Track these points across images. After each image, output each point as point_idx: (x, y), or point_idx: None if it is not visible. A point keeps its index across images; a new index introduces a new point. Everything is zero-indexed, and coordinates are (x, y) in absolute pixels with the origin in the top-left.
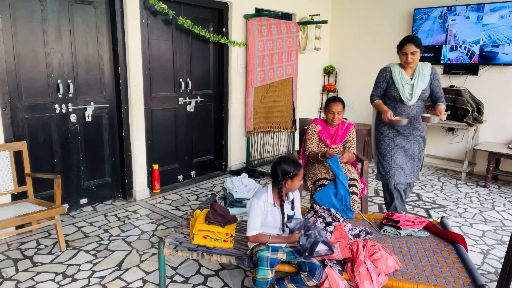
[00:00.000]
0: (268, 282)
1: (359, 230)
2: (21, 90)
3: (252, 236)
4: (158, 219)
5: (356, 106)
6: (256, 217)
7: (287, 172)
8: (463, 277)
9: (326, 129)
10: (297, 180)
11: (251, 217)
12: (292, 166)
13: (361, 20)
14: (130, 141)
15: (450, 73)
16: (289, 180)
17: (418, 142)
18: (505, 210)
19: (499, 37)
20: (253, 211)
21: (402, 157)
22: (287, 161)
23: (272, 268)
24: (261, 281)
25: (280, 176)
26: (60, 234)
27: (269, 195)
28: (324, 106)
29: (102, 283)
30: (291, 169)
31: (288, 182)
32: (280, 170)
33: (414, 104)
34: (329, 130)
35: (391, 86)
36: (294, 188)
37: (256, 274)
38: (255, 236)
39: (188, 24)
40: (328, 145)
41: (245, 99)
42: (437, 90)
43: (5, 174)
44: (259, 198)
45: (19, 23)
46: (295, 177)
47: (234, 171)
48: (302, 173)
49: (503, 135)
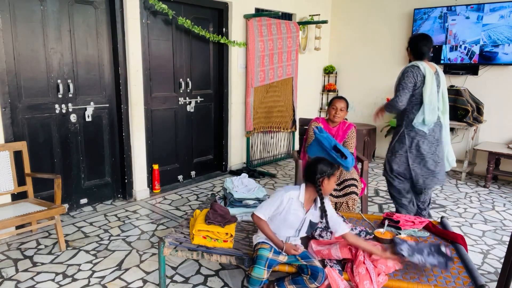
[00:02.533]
0: (262, 282)
1: (359, 230)
2: (21, 90)
3: (256, 217)
4: (158, 219)
5: (355, 106)
6: (270, 205)
7: (324, 171)
8: (463, 277)
9: (327, 128)
10: (333, 181)
11: (267, 202)
12: (329, 165)
13: (361, 20)
14: (130, 141)
15: (450, 73)
16: (326, 179)
17: None
18: (505, 210)
19: (499, 37)
20: (272, 199)
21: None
22: (323, 161)
23: (269, 269)
24: (255, 279)
25: (318, 175)
26: (60, 234)
27: (300, 194)
28: (328, 103)
29: (102, 283)
30: (328, 168)
31: (325, 181)
32: (319, 169)
33: None
34: (330, 129)
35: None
36: (329, 189)
37: (252, 271)
38: (259, 218)
39: (188, 24)
40: None
41: (245, 99)
42: None
43: (5, 174)
44: (286, 191)
45: (19, 23)
46: (332, 176)
47: (234, 171)
48: (337, 175)
49: (503, 135)
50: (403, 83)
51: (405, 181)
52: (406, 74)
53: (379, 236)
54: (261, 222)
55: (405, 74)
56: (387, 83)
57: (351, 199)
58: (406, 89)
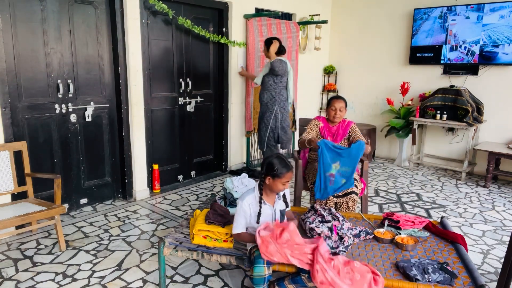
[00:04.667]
0: (265, 279)
1: (359, 230)
2: (21, 90)
3: (235, 235)
4: (158, 219)
5: (355, 106)
6: (239, 217)
7: (271, 169)
8: (463, 277)
9: (328, 127)
10: (279, 183)
11: (235, 217)
12: (280, 165)
13: (361, 20)
14: (130, 141)
15: (450, 73)
16: (270, 178)
17: None
18: (505, 210)
19: (499, 37)
20: (237, 213)
21: None
22: (278, 159)
23: (268, 265)
24: (258, 278)
25: (263, 170)
26: (60, 234)
27: (256, 194)
28: (326, 104)
29: (102, 283)
30: (275, 167)
31: (269, 180)
32: (266, 165)
33: None
34: (330, 128)
35: None
36: (275, 189)
37: (253, 272)
38: (237, 234)
39: (188, 24)
40: None
41: (245, 99)
42: None
43: (5, 174)
44: (243, 200)
45: (19, 23)
46: (277, 178)
47: (234, 171)
48: (287, 178)
49: (503, 135)
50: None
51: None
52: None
53: (379, 236)
54: (241, 234)
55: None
56: (387, 83)
57: (351, 199)
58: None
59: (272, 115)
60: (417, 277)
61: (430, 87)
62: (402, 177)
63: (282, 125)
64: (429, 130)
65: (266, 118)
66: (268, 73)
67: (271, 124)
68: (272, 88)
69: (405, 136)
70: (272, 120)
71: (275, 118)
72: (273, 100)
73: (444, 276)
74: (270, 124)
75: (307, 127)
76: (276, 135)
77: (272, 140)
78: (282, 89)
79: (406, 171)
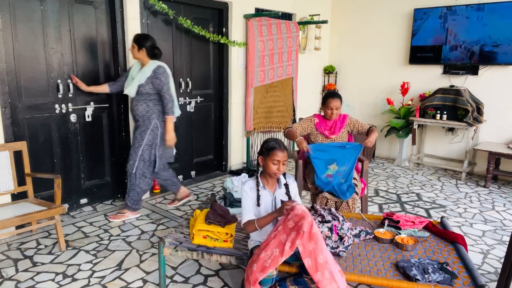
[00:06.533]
0: (273, 280)
1: (359, 230)
2: (21, 90)
3: (245, 223)
4: (158, 219)
5: (355, 106)
6: (245, 201)
7: (262, 147)
8: (463, 277)
9: (324, 122)
10: (270, 162)
11: (243, 205)
12: (270, 143)
13: (361, 20)
14: (130, 141)
15: (450, 73)
16: (261, 158)
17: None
18: (505, 210)
19: (499, 37)
20: (244, 200)
21: None
22: (272, 139)
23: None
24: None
25: (259, 150)
26: (60, 234)
27: (258, 179)
28: (322, 100)
29: (102, 283)
30: (265, 145)
31: (261, 160)
32: (261, 145)
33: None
34: (327, 122)
35: None
36: (268, 171)
37: None
38: (248, 222)
39: (188, 24)
40: (327, 136)
41: (245, 99)
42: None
43: (5, 174)
44: (243, 184)
45: (19, 23)
46: (267, 157)
47: (234, 171)
48: (277, 157)
49: (503, 135)
50: (168, 82)
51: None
52: (165, 74)
53: (379, 236)
54: (250, 222)
55: (164, 74)
56: (387, 83)
57: (351, 198)
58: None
59: (148, 130)
60: (417, 277)
61: (430, 87)
62: (402, 177)
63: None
64: (429, 130)
65: (139, 134)
66: (146, 83)
67: (146, 141)
68: (150, 98)
69: (405, 136)
70: (148, 136)
71: (153, 134)
72: (150, 113)
73: (444, 276)
74: (145, 142)
75: (302, 120)
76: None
77: (142, 162)
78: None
79: (406, 171)
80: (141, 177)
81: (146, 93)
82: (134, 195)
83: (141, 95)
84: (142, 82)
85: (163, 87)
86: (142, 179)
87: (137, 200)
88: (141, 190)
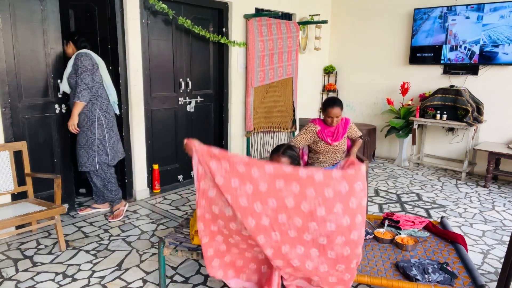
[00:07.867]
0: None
1: None
2: (21, 90)
3: None
4: (158, 219)
5: (355, 106)
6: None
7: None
8: (463, 277)
9: (326, 128)
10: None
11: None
12: (277, 148)
13: (361, 20)
14: (130, 141)
15: (450, 73)
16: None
17: None
18: (505, 210)
19: (499, 37)
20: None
21: None
22: (283, 146)
23: None
24: None
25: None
26: (60, 234)
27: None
28: (322, 108)
29: (102, 283)
30: (273, 150)
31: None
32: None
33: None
34: (329, 129)
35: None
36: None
37: None
38: None
39: (188, 24)
40: (330, 143)
41: (245, 99)
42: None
43: (5, 174)
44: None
45: (19, 23)
46: (271, 160)
47: None
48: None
49: (503, 135)
50: (87, 69)
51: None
52: (84, 59)
53: (379, 236)
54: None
55: (82, 59)
56: (387, 83)
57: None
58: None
59: (95, 124)
60: (417, 277)
61: (430, 87)
62: (402, 177)
63: (110, 134)
64: (429, 130)
65: (88, 129)
66: (72, 72)
67: (97, 135)
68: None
69: (405, 136)
70: (97, 130)
71: (100, 126)
72: (90, 104)
73: (444, 276)
74: (97, 136)
75: (302, 131)
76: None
77: (104, 155)
78: (98, 88)
79: (406, 171)
80: (107, 168)
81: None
82: (112, 186)
83: (75, 88)
84: (68, 73)
85: (78, 70)
86: (109, 169)
87: (117, 189)
88: (115, 178)
